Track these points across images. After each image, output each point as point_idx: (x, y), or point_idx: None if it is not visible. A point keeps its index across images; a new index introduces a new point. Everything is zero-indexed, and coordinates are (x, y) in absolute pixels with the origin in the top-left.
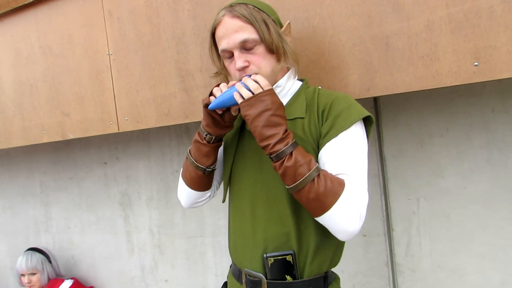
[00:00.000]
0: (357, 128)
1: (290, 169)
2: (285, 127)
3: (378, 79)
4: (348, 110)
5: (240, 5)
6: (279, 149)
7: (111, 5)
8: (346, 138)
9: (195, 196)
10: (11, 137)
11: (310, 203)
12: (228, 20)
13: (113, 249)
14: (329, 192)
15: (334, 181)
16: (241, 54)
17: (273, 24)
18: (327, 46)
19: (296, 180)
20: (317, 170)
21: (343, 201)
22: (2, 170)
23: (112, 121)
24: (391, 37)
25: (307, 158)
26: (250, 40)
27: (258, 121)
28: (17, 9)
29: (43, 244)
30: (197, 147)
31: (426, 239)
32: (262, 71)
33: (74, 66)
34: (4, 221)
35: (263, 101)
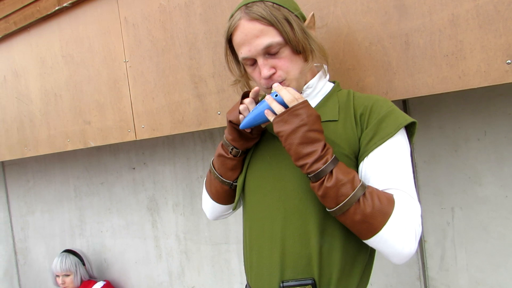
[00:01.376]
0: (401, 135)
1: (332, 190)
2: (323, 143)
3: (397, 81)
4: (391, 114)
5: (257, 4)
6: (318, 168)
7: (127, 11)
8: (392, 146)
9: (220, 210)
10: (38, 145)
11: (357, 225)
12: (246, 24)
13: (142, 253)
14: (377, 212)
15: (382, 198)
16: (265, 61)
17: (297, 20)
18: (341, 46)
19: (339, 202)
20: (363, 188)
21: (395, 220)
22: (40, 175)
23: (130, 129)
24: (411, 35)
25: (349, 175)
26: (274, 45)
27: (293, 138)
28: (41, 19)
29: (78, 246)
30: (222, 162)
31: (462, 252)
32: (290, 75)
33: (94, 74)
34: (43, 224)
35: (298, 116)
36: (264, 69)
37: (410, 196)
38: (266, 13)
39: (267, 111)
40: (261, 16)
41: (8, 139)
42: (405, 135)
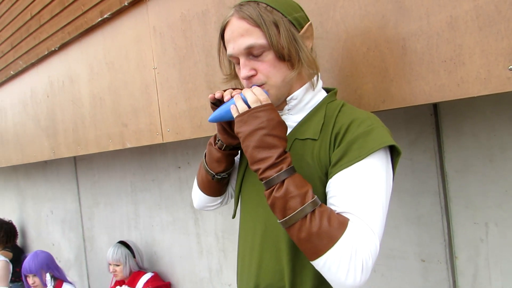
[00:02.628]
0: (375, 159)
1: (279, 200)
2: (280, 150)
3: (394, 88)
4: (366, 136)
5: (250, 3)
6: (270, 175)
7: (156, 21)
8: (360, 170)
9: (205, 200)
10: (88, 144)
11: (302, 243)
12: (235, 22)
13: (186, 249)
14: (324, 233)
15: (333, 220)
16: (247, 62)
17: (288, 25)
18: (340, 52)
19: (286, 215)
20: (313, 205)
21: (341, 247)
22: (103, 169)
23: (158, 132)
24: (408, 39)
25: (302, 189)
26: (256, 46)
27: (250, 141)
28: (89, 29)
29: (133, 238)
30: (209, 150)
31: (496, 272)
32: (271, 81)
33: (129, 80)
34: (106, 216)
35: (257, 118)
36: (244, 69)
37: (367, 226)
38: (255, 14)
39: (232, 107)
40: (249, 16)
41: (66, 138)
42: (383, 159)
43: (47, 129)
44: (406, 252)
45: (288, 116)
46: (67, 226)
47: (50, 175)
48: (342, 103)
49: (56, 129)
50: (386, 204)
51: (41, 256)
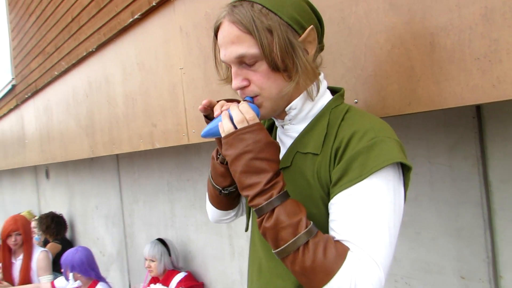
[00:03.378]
0: (379, 178)
1: (270, 231)
2: (270, 175)
3: (421, 89)
4: (368, 152)
5: (243, 4)
6: (259, 203)
7: (182, 20)
8: (361, 192)
9: (217, 213)
10: (122, 144)
11: (297, 276)
12: (226, 26)
13: (219, 250)
14: (319, 267)
15: (329, 252)
16: (239, 71)
17: (284, 31)
18: (363, 50)
19: (278, 246)
20: (307, 235)
21: (339, 282)
22: (143, 168)
23: (184, 133)
24: (437, 35)
25: (294, 218)
26: (248, 56)
27: (237, 165)
28: (121, 30)
29: (169, 237)
30: (213, 165)
31: None
32: (265, 92)
33: (158, 80)
34: (145, 214)
35: (243, 140)
36: (236, 80)
37: (369, 256)
38: (247, 19)
39: (220, 125)
40: (240, 20)
41: (102, 137)
42: (389, 177)
43: (86, 128)
44: (444, 267)
45: (290, 126)
46: (110, 222)
47: (96, 172)
48: (347, 108)
49: (94, 128)
50: (394, 230)
51: (76, 254)
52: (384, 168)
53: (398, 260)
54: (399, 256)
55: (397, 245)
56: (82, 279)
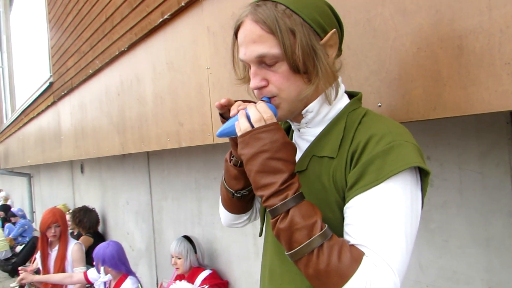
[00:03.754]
0: (396, 183)
1: (284, 232)
2: (285, 176)
3: (448, 94)
4: (385, 156)
5: (267, 4)
6: (274, 204)
7: (210, 21)
8: (377, 196)
9: (230, 217)
10: (150, 141)
11: (311, 280)
12: (248, 25)
13: (243, 249)
14: (333, 271)
15: (344, 256)
16: (258, 70)
17: (307, 33)
18: (388, 52)
19: (292, 248)
20: (322, 238)
21: (354, 287)
22: (172, 165)
23: (209, 133)
24: (466, 37)
25: (310, 220)
26: (269, 56)
27: (252, 165)
28: (152, 30)
29: (196, 234)
30: (226, 167)
31: None
32: (283, 93)
33: (186, 79)
34: (173, 210)
35: (260, 140)
36: (254, 79)
37: (384, 262)
38: (270, 19)
39: (237, 124)
40: (264, 20)
41: (133, 135)
42: (406, 182)
43: (117, 125)
44: (471, 277)
45: (307, 130)
46: (140, 217)
47: (127, 168)
48: (365, 112)
49: (125, 126)
50: (411, 235)
51: (108, 249)
52: (401, 173)
53: (425, 268)
54: (425, 263)
55: (424, 252)
56: (113, 272)
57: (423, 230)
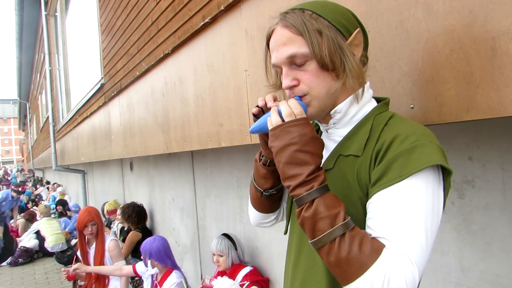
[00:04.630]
0: (419, 180)
1: (308, 221)
2: (312, 168)
3: (480, 96)
4: (409, 154)
5: (295, 11)
6: (300, 193)
7: (248, 23)
8: (400, 192)
9: (258, 216)
10: (192, 141)
11: (332, 268)
12: (279, 31)
13: (283, 247)
14: (354, 260)
15: (365, 246)
16: (289, 71)
17: (334, 33)
18: (421, 54)
19: (315, 236)
20: (344, 228)
21: (372, 275)
22: (214, 164)
23: (248, 133)
24: (499, 38)
25: (333, 210)
26: (298, 55)
27: (281, 156)
28: (194, 33)
29: (237, 231)
30: (255, 167)
31: None
32: (313, 91)
33: (225, 81)
34: (216, 207)
35: (289, 133)
36: (286, 79)
37: (404, 254)
38: (298, 22)
39: (269, 119)
40: (292, 24)
41: (176, 135)
42: (429, 180)
43: (162, 125)
44: None
45: (334, 130)
46: (185, 214)
47: (173, 166)
48: (391, 115)
49: (169, 126)
50: (431, 231)
51: (154, 243)
52: (424, 171)
53: (466, 270)
54: (467, 266)
55: (466, 254)
56: (159, 266)
57: (464, 232)
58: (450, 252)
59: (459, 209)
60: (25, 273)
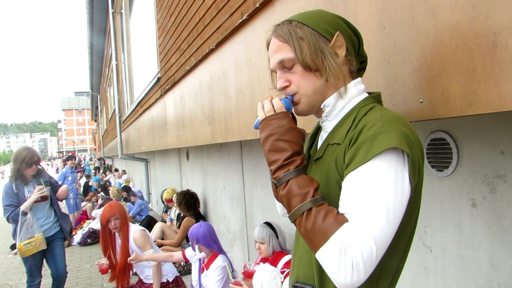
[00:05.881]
0: (382, 162)
1: (284, 198)
2: (289, 153)
3: (481, 91)
4: (373, 139)
5: (284, 23)
6: (278, 176)
7: (280, 20)
8: (364, 173)
9: (280, 207)
10: (233, 132)
11: (304, 238)
12: (272, 41)
13: None
14: (317, 230)
15: (328, 219)
16: (282, 74)
17: (315, 38)
18: (429, 49)
19: (290, 211)
20: (312, 203)
21: (332, 244)
22: (261, 154)
23: None
24: (500, 34)
25: (305, 189)
26: (286, 60)
27: (265, 145)
28: (234, 30)
29: (280, 221)
30: None
31: None
32: (302, 90)
33: (261, 76)
34: (262, 197)
35: (270, 125)
36: (279, 81)
37: (363, 227)
38: (284, 32)
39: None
40: (279, 34)
41: (220, 126)
42: (391, 161)
43: (208, 117)
44: None
45: (327, 123)
46: (234, 202)
47: (224, 156)
48: (372, 107)
49: (214, 118)
50: (393, 209)
51: (200, 229)
52: (386, 153)
53: (497, 267)
54: (497, 262)
55: (496, 250)
56: (206, 250)
57: (495, 228)
58: (481, 247)
59: (490, 204)
60: (92, 253)
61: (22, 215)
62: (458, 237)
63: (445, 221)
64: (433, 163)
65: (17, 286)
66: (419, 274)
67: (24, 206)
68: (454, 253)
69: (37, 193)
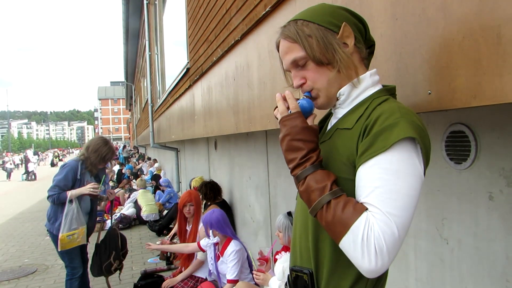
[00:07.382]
0: (399, 151)
1: (303, 194)
2: (304, 152)
3: (485, 83)
4: (392, 128)
5: (290, 23)
6: (296, 173)
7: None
8: (383, 161)
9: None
10: (256, 122)
11: (327, 231)
12: (281, 43)
13: None
14: (337, 221)
15: (347, 209)
16: (296, 73)
17: (323, 33)
18: (438, 41)
19: (310, 206)
20: (330, 196)
21: (354, 233)
22: None
23: None
24: (504, 26)
25: (322, 183)
26: (298, 59)
27: (282, 145)
28: (258, 21)
29: None
30: None
31: None
32: (317, 85)
33: None
34: (285, 187)
35: (284, 126)
36: (295, 80)
37: (383, 214)
38: (292, 32)
39: None
40: (288, 35)
41: (243, 116)
42: (406, 151)
43: (233, 107)
44: None
45: (339, 110)
46: (259, 192)
47: (250, 146)
48: (386, 98)
49: (238, 108)
50: (412, 194)
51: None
52: (403, 143)
53: (511, 259)
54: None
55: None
56: (220, 235)
57: (511, 221)
58: (497, 240)
59: (507, 197)
60: None
61: (69, 203)
62: (475, 230)
63: (462, 214)
64: (451, 156)
65: (53, 267)
66: (436, 266)
67: (71, 193)
68: (470, 246)
69: (89, 188)
